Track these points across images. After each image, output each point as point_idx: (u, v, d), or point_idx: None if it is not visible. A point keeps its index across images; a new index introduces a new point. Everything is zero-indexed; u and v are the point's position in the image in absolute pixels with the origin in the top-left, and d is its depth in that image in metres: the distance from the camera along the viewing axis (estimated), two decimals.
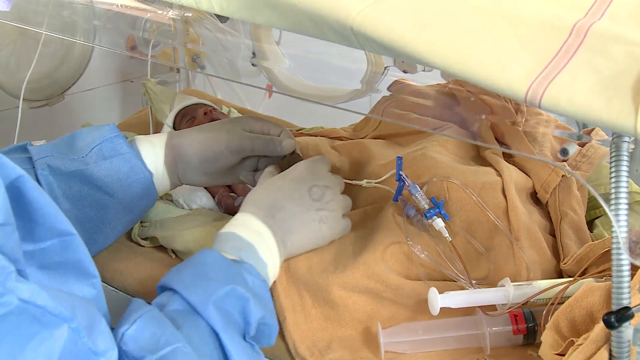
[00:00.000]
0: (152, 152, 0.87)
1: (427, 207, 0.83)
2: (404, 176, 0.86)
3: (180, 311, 0.64)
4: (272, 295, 0.80)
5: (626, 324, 0.54)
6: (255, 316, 0.65)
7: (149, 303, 0.65)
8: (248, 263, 0.71)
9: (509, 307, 0.75)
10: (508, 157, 0.99)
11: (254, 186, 0.92)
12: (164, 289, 0.68)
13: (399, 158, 0.87)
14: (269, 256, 0.74)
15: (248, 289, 0.67)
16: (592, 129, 1.01)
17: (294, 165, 0.84)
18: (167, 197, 1.07)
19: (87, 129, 0.88)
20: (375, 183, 0.91)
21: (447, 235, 0.81)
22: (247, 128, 0.91)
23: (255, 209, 0.78)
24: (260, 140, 0.89)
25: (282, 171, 0.85)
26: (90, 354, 0.49)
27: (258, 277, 0.70)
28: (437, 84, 0.99)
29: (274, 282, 0.80)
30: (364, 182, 0.91)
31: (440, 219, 0.82)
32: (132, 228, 0.99)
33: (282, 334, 0.79)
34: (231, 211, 1.03)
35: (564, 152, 0.67)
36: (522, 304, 0.75)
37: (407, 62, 0.90)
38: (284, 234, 0.77)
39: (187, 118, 1.23)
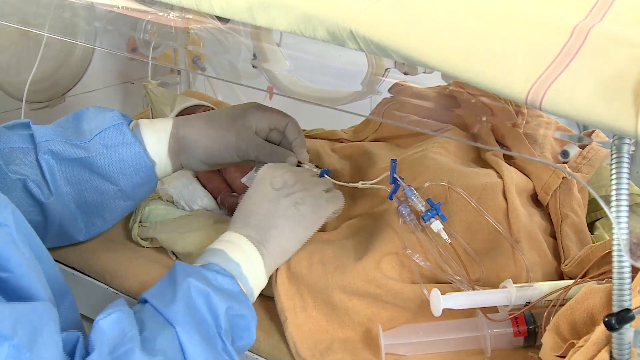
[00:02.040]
0: (156, 142, 0.87)
1: (423, 209, 0.83)
2: (398, 179, 0.86)
3: (150, 314, 0.65)
4: (274, 296, 0.80)
5: (627, 326, 0.54)
6: (221, 308, 0.66)
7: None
8: (213, 263, 0.71)
9: (511, 309, 0.75)
10: (508, 159, 0.99)
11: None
12: (141, 300, 0.69)
13: (393, 161, 0.87)
14: (243, 257, 0.74)
15: (207, 282, 0.67)
16: (593, 131, 1.01)
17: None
18: (168, 199, 1.07)
19: (93, 111, 0.88)
20: (370, 184, 0.91)
21: (447, 237, 0.81)
22: (254, 125, 0.91)
23: (232, 226, 0.79)
24: (266, 151, 0.89)
25: None
26: None
27: (221, 272, 0.70)
28: (438, 86, 0.99)
29: (276, 283, 0.80)
30: (359, 184, 0.91)
31: (438, 220, 0.82)
32: (132, 228, 0.99)
33: (283, 334, 0.79)
34: (234, 210, 1.03)
35: (565, 154, 0.67)
36: (527, 308, 0.74)
37: (408, 64, 0.90)
38: (262, 235, 0.77)
39: None
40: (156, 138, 0.87)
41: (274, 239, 0.77)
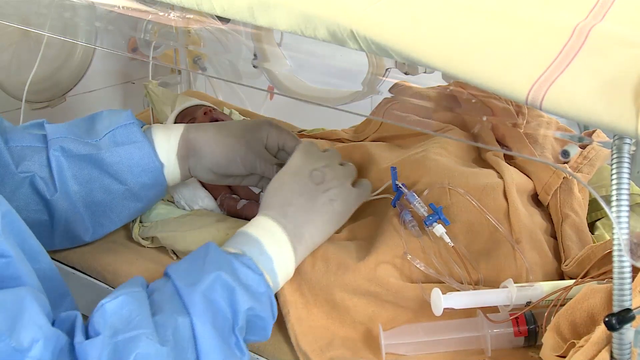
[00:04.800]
0: (166, 143, 0.88)
1: (426, 214, 0.83)
2: (401, 186, 0.86)
3: (169, 294, 0.65)
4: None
5: (627, 325, 0.54)
6: (243, 306, 0.66)
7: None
8: (247, 256, 0.71)
9: (512, 309, 0.75)
10: (509, 159, 0.99)
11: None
12: (165, 274, 0.70)
13: (393, 169, 0.88)
14: (276, 251, 0.74)
15: (236, 278, 0.67)
16: (593, 131, 1.01)
17: (290, 158, 0.85)
18: (169, 199, 1.07)
19: (106, 113, 0.89)
20: (373, 196, 0.91)
21: (449, 241, 0.81)
22: (265, 139, 0.91)
23: (267, 210, 0.79)
24: (272, 169, 0.89)
25: None
26: (14, 353, 0.50)
27: (254, 269, 0.70)
28: (439, 86, 0.99)
29: None
30: None
31: (440, 224, 0.82)
32: (132, 228, 0.99)
33: (283, 335, 0.79)
34: (233, 213, 1.03)
35: (565, 154, 0.67)
36: (528, 308, 0.74)
37: (409, 64, 0.90)
38: (299, 228, 0.77)
39: (187, 119, 1.23)
40: (166, 139, 0.88)
41: (308, 234, 0.78)
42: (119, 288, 0.63)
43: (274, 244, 0.74)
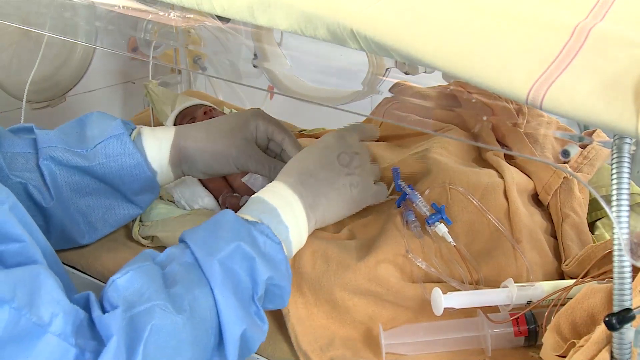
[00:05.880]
0: (158, 151, 0.88)
1: (428, 213, 0.83)
2: (404, 186, 0.87)
3: (187, 264, 0.65)
4: None
5: (627, 325, 0.54)
6: (262, 276, 0.66)
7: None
8: (264, 224, 0.71)
9: (512, 309, 0.75)
10: (509, 159, 0.99)
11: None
12: (182, 241, 0.70)
13: (395, 169, 0.88)
14: (292, 221, 0.74)
15: (255, 248, 0.67)
16: (594, 131, 1.01)
17: (324, 135, 0.86)
18: (169, 198, 1.07)
19: (97, 117, 0.89)
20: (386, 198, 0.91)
21: (451, 240, 0.81)
22: (254, 134, 0.92)
23: (285, 177, 0.79)
24: (264, 169, 0.90)
25: None
26: (35, 328, 0.51)
27: (272, 238, 0.70)
28: (439, 86, 0.99)
29: None
30: None
31: (442, 224, 0.82)
32: (132, 227, 0.99)
33: (283, 334, 0.79)
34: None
35: (565, 153, 0.67)
36: (529, 308, 0.74)
37: (409, 63, 0.90)
38: (314, 199, 0.78)
39: (187, 118, 1.23)
40: (157, 148, 0.88)
41: (322, 207, 0.79)
42: (128, 264, 0.63)
43: (290, 213, 0.75)
